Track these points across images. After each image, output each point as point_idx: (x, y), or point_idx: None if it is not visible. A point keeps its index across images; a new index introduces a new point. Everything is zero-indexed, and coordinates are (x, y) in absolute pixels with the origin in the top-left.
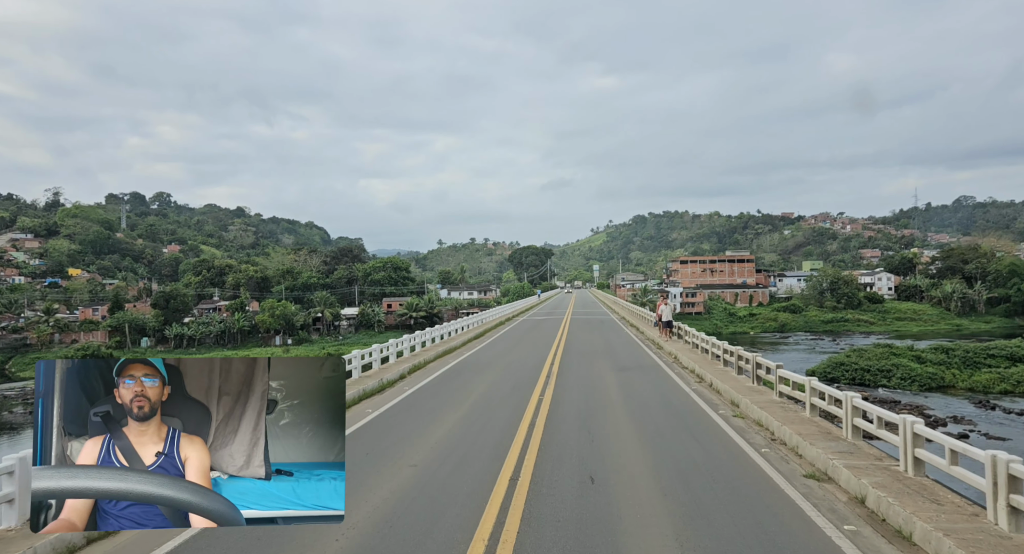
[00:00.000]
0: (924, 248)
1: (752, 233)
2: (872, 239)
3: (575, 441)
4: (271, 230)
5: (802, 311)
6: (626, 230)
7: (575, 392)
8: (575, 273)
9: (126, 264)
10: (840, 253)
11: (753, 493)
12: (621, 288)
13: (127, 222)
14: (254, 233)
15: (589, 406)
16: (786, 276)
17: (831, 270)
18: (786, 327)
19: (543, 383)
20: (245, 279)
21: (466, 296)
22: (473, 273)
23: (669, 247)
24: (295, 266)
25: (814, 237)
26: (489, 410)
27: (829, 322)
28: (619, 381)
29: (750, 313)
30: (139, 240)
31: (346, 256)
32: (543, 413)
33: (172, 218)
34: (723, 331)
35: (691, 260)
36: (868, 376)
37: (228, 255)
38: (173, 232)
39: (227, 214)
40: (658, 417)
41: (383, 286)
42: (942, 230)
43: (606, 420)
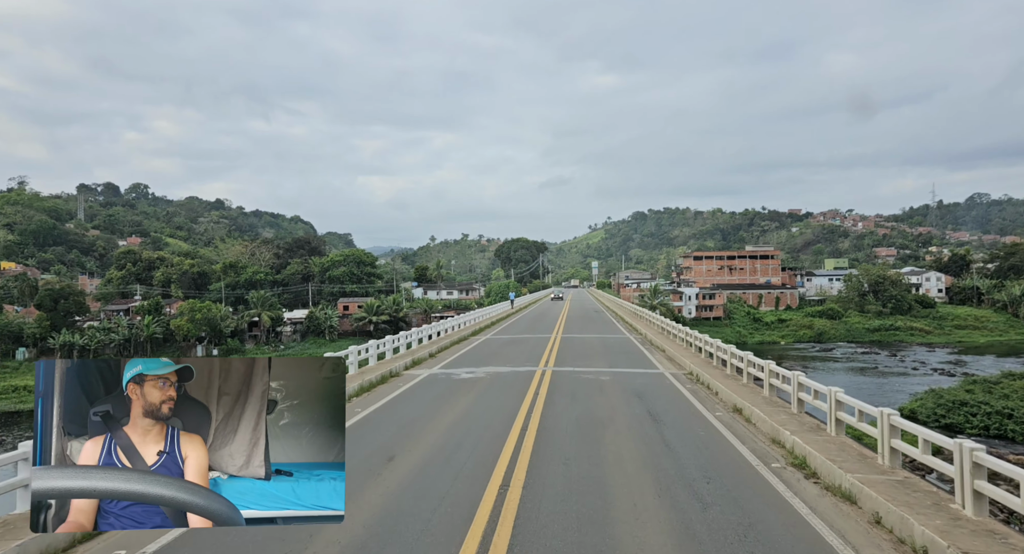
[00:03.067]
0: (943, 246)
1: (758, 230)
2: (887, 237)
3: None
4: (251, 223)
5: (842, 317)
6: (625, 227)
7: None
8: (572, 271)
9: (72, 257)
10: (853, 251)
11: None
12: (625, 287)
13: (92, 212)
14: (228, 226)
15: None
16: (815, 275)
17: (874, 268)
18: (824, 336)
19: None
20: (178, 274)
21: (445, 296)
22: (464, 270)
23: (671, 245)
24: (240, 260)
25: (824, 234)
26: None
27: (876, 330)
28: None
29: (779, 319)
30: (92, 232)
31: (302, 248)
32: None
33: (141, 209)
34: (748, 341)
35: (706, 255)
36: (1013, 425)
37: (197, 249)
38: (139, 224)
39: (205, 206)
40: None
41: (343, 284)
42: (958, 228)
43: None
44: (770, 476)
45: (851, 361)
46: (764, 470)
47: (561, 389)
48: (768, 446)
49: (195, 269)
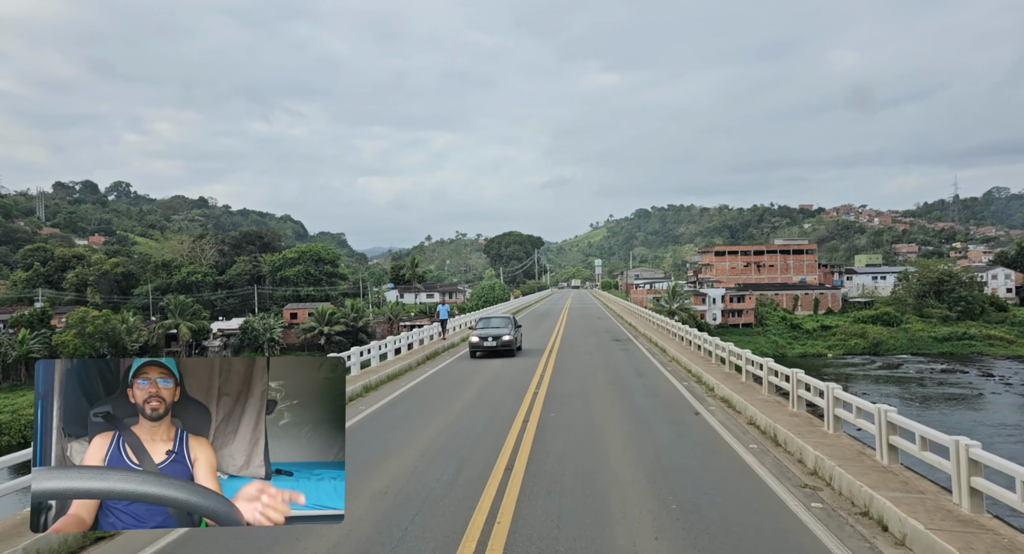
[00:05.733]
0: (969, 242)
1: (768, 226)
2: (907, 232)
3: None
4: (235, 223)
5: (901, 323)
6: (628, 225)
7: None
8: (573, 270)
9: (16, 259)
10: (871, 248)
11: None
12: (636, 288)
13: (55, 210)
14: (202, 226)
15: None
16: (856, 272)
17: (935, 264)
18: (881, 347)
19: None
20: (96, 276)
21: (425, 300)
22: (459, 270)
23: (676, 242)
24: (175, 258)
25: (838, 231)
26: None
27: (945, 340)
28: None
29: (821, 325)
30: (48, 230)
31: (251, 244)
32: None
33: (112, 207)
34: (787, 353)
35: (729, 250)
36: None
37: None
38: (109, 222)
39: (188, 204)
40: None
41: (298, 286)
42: (981, 223)
43: None
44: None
45: (937, 383)
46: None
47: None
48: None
49: (119, 269)
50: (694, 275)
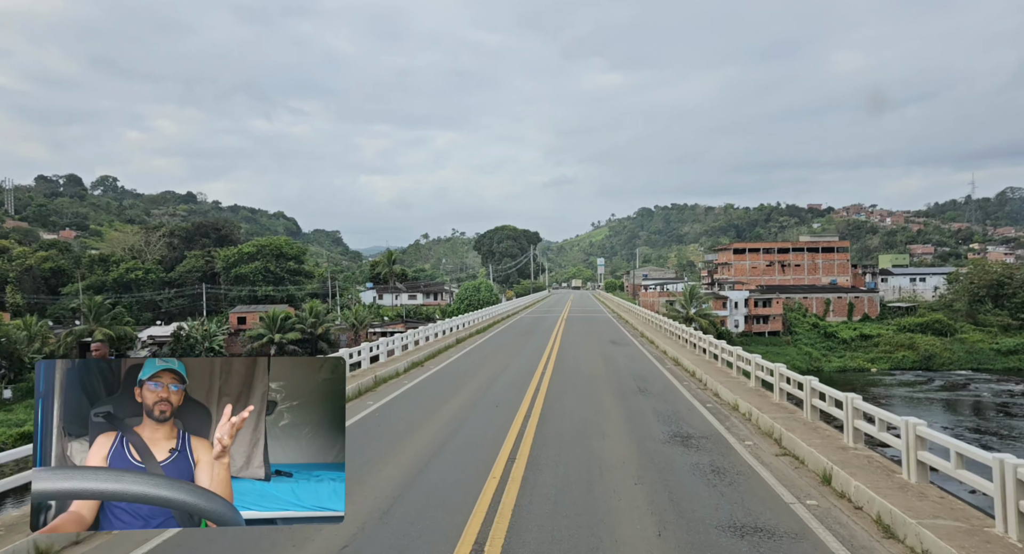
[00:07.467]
0: (987, 243)
1: (776, 226)
2: (921, 233)
3: None
4: (226, 218)
5: (955, 332)
6: (631, 224)
7: None
8: (573, 270)
9: None
10: (885, 249)
11: None
12: (644, 290)
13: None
14: (184, 220)
15: None
16: (892, 274)
17: (991, 264)
18: (935, 361)
19: None
20: (18, 272)
21: (406, 301)
22: (456, 269)
23: (680, 242)
24: (115, 252)
25: (849, 231)
26: None
27: (1011, 353)
28: None
29: (860, 334)
30: (12, 223)
31: (206, 237)
32: None
33: (90, 201)
34: (823, 366)
35: (750, 248)
36: None
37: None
38: (85, 216)
39: (175, 199)
40: None
41: (255, 285)
42: (997, 223)
43: None
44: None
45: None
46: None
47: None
48: None
49: (47, 265)
50: (708, 275)
